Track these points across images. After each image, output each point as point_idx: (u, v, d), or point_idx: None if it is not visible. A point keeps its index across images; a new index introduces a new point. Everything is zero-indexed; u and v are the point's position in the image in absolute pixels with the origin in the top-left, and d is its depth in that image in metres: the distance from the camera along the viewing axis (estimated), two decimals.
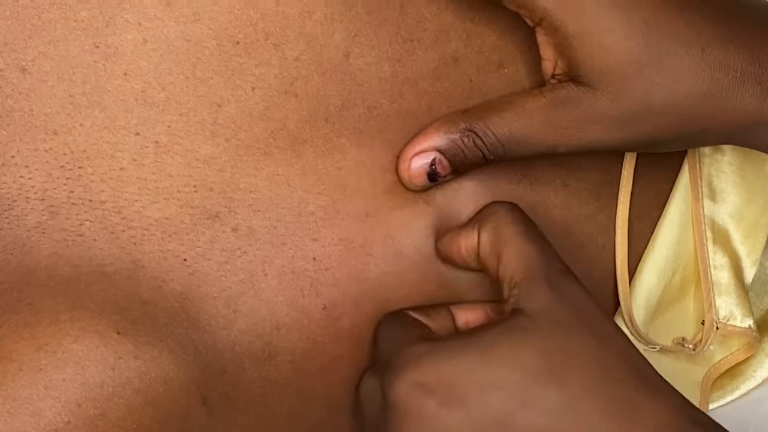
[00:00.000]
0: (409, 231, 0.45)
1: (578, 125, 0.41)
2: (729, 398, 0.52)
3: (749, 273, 0.51)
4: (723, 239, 0.50)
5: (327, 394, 0.45)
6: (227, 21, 0.41)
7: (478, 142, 0.43)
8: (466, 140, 0.43)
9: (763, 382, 0.52)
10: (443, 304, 0.45)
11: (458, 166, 0.44)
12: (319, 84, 0.43)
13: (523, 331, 0.39)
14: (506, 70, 0.45)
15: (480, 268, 0.43)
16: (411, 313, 0.44)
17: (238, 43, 0.42)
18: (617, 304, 0.49)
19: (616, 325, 0.41)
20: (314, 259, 0.44)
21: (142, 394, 0.41)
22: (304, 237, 0.44)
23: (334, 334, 0.45)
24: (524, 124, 0.42)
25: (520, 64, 0.45)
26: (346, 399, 0.45)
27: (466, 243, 0.43)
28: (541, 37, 0.41)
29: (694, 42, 0.40)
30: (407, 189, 0.44)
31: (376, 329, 0.44)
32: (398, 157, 0.44)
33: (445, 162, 0.43)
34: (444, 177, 0.44)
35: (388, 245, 0.45)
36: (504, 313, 0.41)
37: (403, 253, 0.45)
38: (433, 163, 0.43)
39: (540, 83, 0.44)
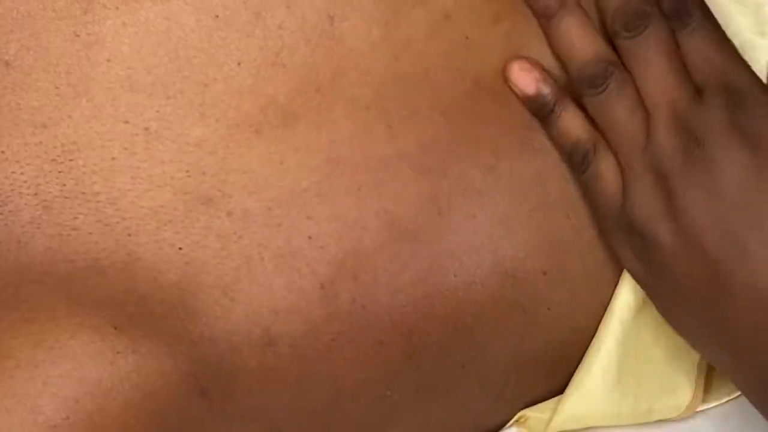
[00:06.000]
0: (402, 201, 0.44)
1: None
2: (729, 397, 0.50)
3: None
4: None
5: (328, 377, 0.44)
6: None
7: None
8: None
9: None
10: None
11: None
12: (306, 52, 0.41)
13: None
14: (504, 24, 0.43)
15: None
16: None
17: (217, 16, 0.41)
18: None
19: None
20: (310, 237, 0.43)
21: (140, 389, 0.40)
22: (299, 216, 0.43)
23: (334, 313, 0.43)
24: None
25: (519, 15, 0.43)
26: (347, 380, 0.44)
27: None
28: None
29: None
30: None
31: None
32: None
33: None
34: None
35: (382, 217, 0.43)
36: None
37: (397, 224, 0.44)
38: None
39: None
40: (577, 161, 0.44)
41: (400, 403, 0.45)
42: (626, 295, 0.47)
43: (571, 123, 0.44)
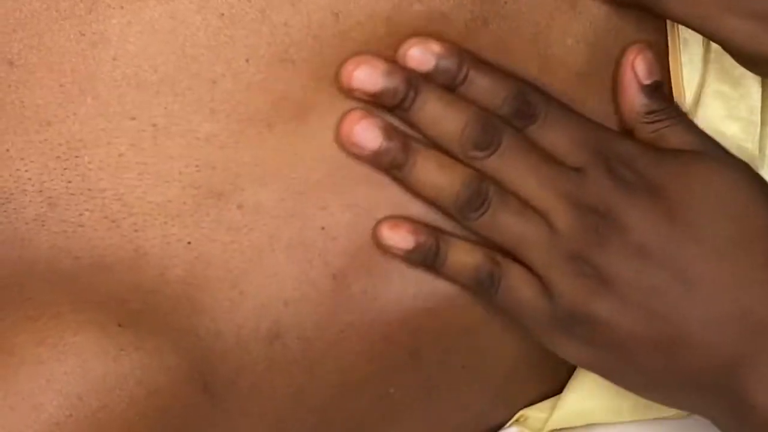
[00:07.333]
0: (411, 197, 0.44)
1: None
2: None
3: None
4: None
5: (337, 369, 0.44)
6: None
7: None
8: None
9: None
10: None
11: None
12: (315, 48, 0.42)
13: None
14: (491, 27, 0.44)
15: None
16: None
17: (223, 14, 0.41)
18: None
19: None
20: (323, 228, 0.43)
21: (144, 385, 0.40)
22: (312, 206, 0.43)
23: (344, 303, 0.43)
24: None
25: (502, 20, 0.44)
26: (353, 375, 0.44)
27: None
28: None
29: None
30: None
31: None
32: None
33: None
34: None
35: (395, 207, 0.44)
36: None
37: (410, 215, 0.44)
38: None
39: (535, 42, 0.44)
40: (486, 286, 0.43)
41: (401, 401, 0.45)
42: None
43: (462, 256, 0.43)
